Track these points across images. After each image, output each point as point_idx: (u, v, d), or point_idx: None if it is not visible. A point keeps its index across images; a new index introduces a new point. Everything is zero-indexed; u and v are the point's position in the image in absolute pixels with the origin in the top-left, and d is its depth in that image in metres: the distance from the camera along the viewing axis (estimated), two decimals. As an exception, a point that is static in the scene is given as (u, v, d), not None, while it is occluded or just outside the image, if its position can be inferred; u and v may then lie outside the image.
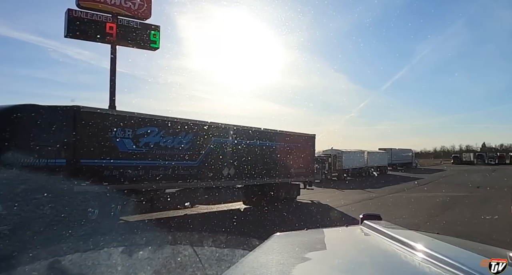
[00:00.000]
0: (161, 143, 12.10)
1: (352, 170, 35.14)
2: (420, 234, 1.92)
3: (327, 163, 31.63)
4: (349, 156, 34.65)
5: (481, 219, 11.76)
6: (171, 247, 6.88)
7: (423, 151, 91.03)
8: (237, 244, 6.62)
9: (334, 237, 2.14)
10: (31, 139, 9.34)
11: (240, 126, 15.29)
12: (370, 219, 2.03)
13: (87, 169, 10.07)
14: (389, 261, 1.43)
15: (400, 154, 51.87)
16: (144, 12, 17.57)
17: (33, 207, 8.48)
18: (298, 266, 1.48)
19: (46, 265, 5.80)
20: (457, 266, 1.07)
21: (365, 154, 38.31)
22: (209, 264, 5.94)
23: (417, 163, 57.24)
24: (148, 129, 11.79)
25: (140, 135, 11.49)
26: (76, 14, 15.96)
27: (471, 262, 1.16)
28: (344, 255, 1.64)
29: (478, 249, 1.62)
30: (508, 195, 17.84)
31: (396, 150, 50.40)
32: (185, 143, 12.79)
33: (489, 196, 18.55)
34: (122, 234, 8.14)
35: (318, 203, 16.76)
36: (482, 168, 51.25)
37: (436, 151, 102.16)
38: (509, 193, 18.77)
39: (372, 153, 40.46)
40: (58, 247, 6.67)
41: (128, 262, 6.00)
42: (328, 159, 31.85)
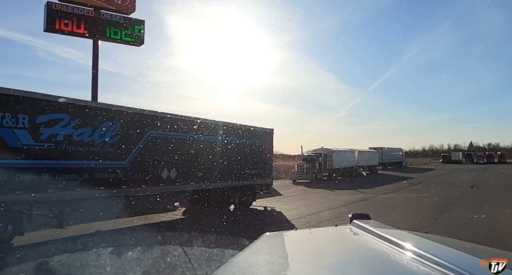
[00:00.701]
0: (74, 136, 9.14)
1: (343, 170, 34.79)
2: (408, 233, 1.86)
3: (317, 162, 31.20)
4: (339, 155, 34.26)
5: (482, 221, 11.36)
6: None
7: (412, 150, 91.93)
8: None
9: (323, 237, 2.17)
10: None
11: (184, 117, 12.76)
12: (359, 218, 2.02)
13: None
14: (378, 260, 1.43)
15: (390, 153, 51.80)
16: (127, 6, 16.86)
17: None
18: (287, 265, 1.48)
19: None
20: (445, 264, 1.07)
21: (355, 153, 38.02)
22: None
23: (407, 162, 57.32)
24: (55, 117, 8.79)
25: (42, 125, 8.51)
26: (56, 7, 15.18)
27: (459, 261, 1.16)
28: (333, 255, 1.62)
29: (466, 247, 1.62)
30: (505, 195, 17.72)
31: (386, 149, 50.29)
32: (110, 136, 9.98)
33: (486, 196, 18.28)
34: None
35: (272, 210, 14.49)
36: (471, 167, 51.43)
37: (425, 150, 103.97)
38: (505, 192, 18.67)
39: (362, 152, 40.20)
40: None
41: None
42: (319, 158, 31.41)
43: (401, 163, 54.64)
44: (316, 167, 30.80)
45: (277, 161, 55.72)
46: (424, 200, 17.18)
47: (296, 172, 29.25)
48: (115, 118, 10.29)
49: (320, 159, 31.49)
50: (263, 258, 1.62)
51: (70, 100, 9.32)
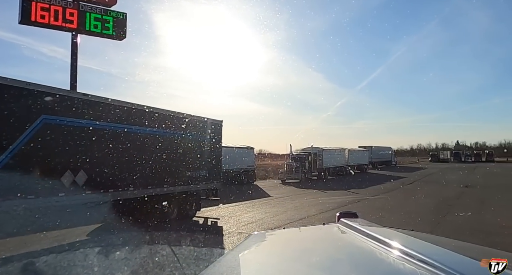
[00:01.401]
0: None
1: (333, 169, 34.28)
2: (395, 231, 1.83)
3: (307, 161, 30.62)
4: (329, 154, 33.72)
5: (487, 223, 10.84)
6: None
7: (399, 149, 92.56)
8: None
9: (311, 235, 2.16)
10: None
11: (94, 98, 9.21)
12: (346, 217, 2.04)
13: None
14: (365, 258, 1.43)
15: (379, 152, 51.60)
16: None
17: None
18: (275, 264, 1.47)
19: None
20: (430, 262, 1.08)
21: (345, 152, 37.54)
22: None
23: (396, 161, 57.21)
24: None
25: None
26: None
27: (443, 258, 1.17)
28: (321, 253, 1.60)
29: (452, 245, 1.64)
30: (502, 194, 17.33)
31: (376, 148, 50.04)
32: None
33: (483, 196, 17.87)
34: None
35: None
36: (460, 166, 51.56)
37: (413, 149, 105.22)
38: (501, 192, 18.27)
39: (352, 151, 39.76)
40: None
41: None
42: (308, 157, 30.83)
43: (391, 162, 54.53)
44: (306, 166, 30.23)
45: (266, 160, 55.66)
46: (421, 201, 16.67)
47: (285, 172, 28.53)
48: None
49: (310, 158, 30.92)
50: (251, 256, 1.65)
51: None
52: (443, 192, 20.02)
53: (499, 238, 8.66)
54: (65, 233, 9.04)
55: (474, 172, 36.91)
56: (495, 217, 11.82)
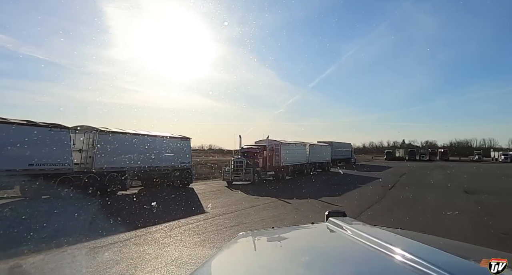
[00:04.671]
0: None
1: (292, 167, 27.60)
2: (383, 229, 1.80)
3: (261, 158, 23.63)
4: (288, 149, 27.03)
5: None
6: None
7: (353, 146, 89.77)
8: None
9: (300, 234, 2.13)
10: None
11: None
12: (335, 215, 2.01)
13: None
14: (354, 256, 1.40)
15: (339, 148, 46.24)
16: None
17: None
18: (264, 263, 1.46)
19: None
20: (416, 260, 1.06)
21: (307, 147, 30.99)
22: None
23: (356, 159, 52.24)
24: None
25: None
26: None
27: (431, 255, 1.15)
28: (310, 252, 1.57)
29: (440, 243, 1.64)
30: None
31: (336, 143, 44.51)
32: None
33: (493, 211, 11.98)
34: None
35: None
36: (422, 164, 47.70)
37: (365, 147, 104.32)
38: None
39: (314, 147, 33.36)
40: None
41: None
42: (263, 153, 23.84)
43: (350, 159, 49.42)
44: (260, 164, 23.22)
45: (215, 155, 48.58)
46: (447, 221, 10.26)
47: (232, 171, 21.43)
48: None
49: (265, 153, 23.94)
50: (240, 256, 1.65)
51: None
52: (443, 201, 14.34)
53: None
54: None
55: (452, 171, 32.09)
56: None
